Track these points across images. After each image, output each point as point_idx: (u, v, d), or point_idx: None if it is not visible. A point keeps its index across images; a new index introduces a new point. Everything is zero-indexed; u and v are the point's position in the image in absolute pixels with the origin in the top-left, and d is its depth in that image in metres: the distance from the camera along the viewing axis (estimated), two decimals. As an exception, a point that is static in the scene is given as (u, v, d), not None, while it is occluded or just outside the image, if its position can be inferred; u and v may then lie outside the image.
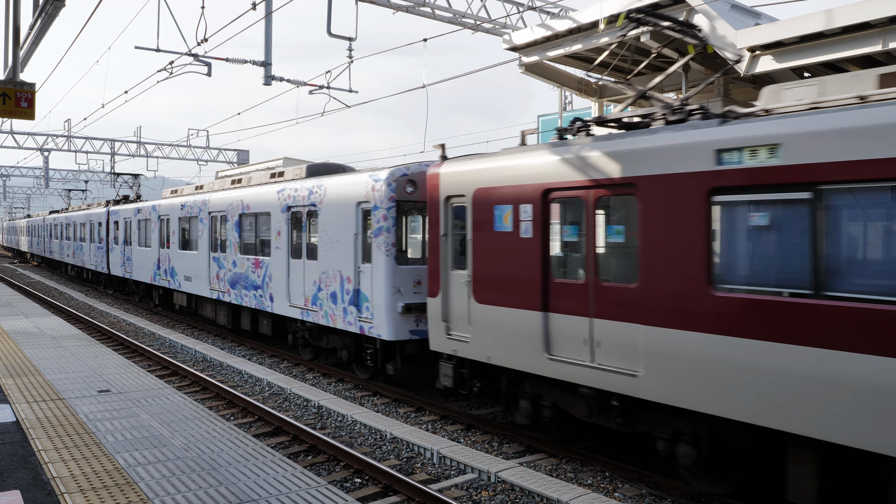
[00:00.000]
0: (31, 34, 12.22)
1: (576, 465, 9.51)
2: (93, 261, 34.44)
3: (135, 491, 6.22)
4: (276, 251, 16.26)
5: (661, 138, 7.93)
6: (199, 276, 20.81)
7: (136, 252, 26.92)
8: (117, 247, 29.77)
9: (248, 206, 17.67)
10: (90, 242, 34.87)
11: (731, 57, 13.81)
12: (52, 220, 46.76)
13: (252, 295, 17.45)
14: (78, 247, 38.17)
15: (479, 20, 20.67)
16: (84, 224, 36.50)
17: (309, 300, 14.94)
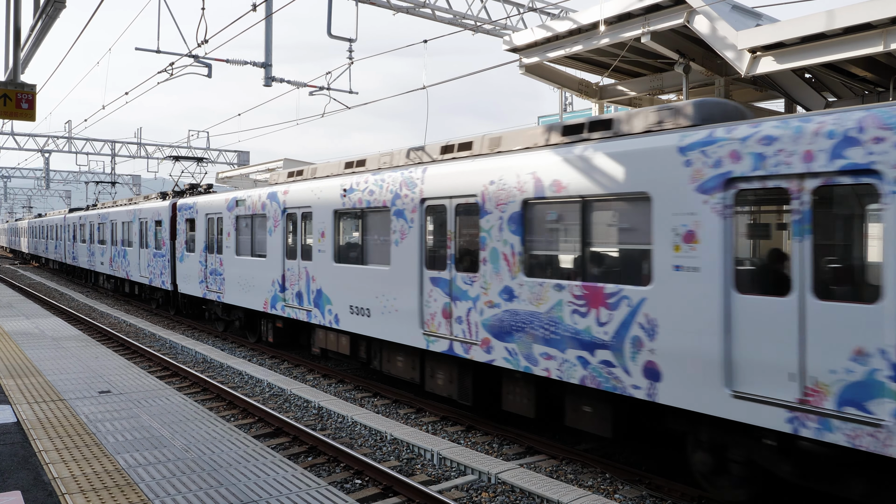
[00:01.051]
0: (31, 35, 12.22)
1: (576, 466, 9.50)
2: (145, 272, 26.14)
3: (135, 492, 6.22)
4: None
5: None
6: (389, 309, 12.27)
7: (231, 263, 18.62)
8: (192, 255, 21.47)
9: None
10: (141, 248, 26.50)
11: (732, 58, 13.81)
12: (75, 219, 37.95)
13: (576, 362, 8.80)
14: (119, 252, 29.65)
15: (479, 21, 20.68)
16: (129, 223, 28.00)
17: None
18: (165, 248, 23.64)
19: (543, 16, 21.58)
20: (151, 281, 25.19)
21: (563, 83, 20.05)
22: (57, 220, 45.09)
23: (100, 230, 32.99)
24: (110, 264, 30.82)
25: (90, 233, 34.80)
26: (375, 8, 19.38)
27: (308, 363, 16.09)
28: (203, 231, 20.54)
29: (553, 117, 31.73)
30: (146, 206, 26.06)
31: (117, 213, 29.86)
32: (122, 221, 29.15)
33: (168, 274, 23.33)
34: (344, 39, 19.28)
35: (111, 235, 30.95)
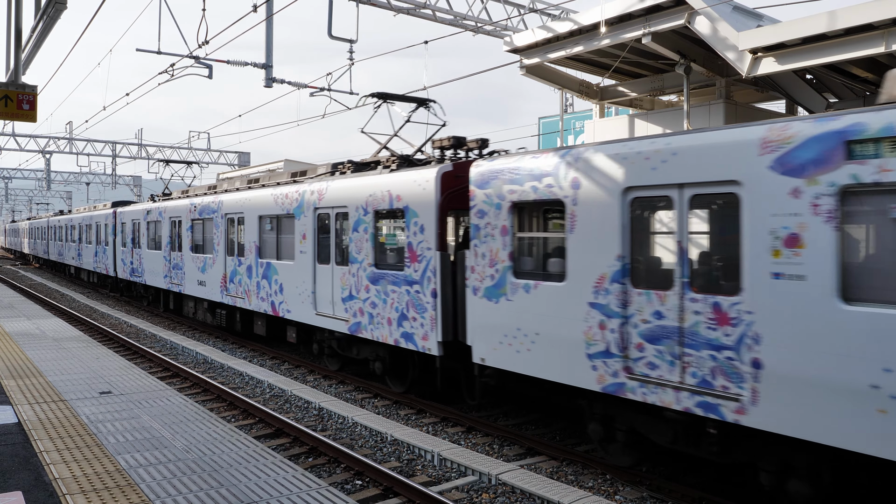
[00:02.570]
0: (32, 36, 12.23)
1: (577, 467, 9.50)
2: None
3: (136, 492, 6.22)
4: None
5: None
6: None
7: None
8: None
9: None
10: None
11: (733, 59, 13.81)
12: (141, 214, 26.41)
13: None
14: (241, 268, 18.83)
15: (480, 22, 20.68)
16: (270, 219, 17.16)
17: None
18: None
19: (544, 17, 21.58)
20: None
21: (564, 84, 20.06)
22: (102, 216, 32.63)
23: (193, 231, 21.23)
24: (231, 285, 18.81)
25: (174, 234, 22.79)
26: (376, 9, 19.39)
27: (308, 364, 16.10)
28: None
29: (554, 118, 31.73)
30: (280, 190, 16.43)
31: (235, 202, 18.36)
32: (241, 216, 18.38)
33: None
34: (344, 40, 19.30)
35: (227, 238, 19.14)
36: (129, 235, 28.15)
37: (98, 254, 33.78)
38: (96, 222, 34.20)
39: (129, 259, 27.90)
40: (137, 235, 26.88)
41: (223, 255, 18.97)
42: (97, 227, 34.02)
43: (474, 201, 10.40)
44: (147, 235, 25.69)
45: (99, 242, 33.54)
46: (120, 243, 29.68)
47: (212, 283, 19.69)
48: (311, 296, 14.59)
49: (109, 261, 31.35)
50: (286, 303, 15.56)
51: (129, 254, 27.99)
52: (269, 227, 16.49)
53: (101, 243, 32.99)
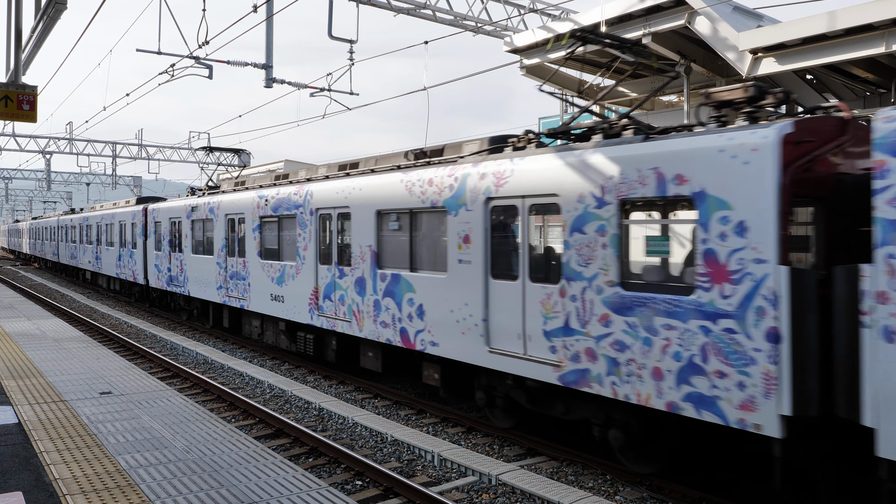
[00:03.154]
0: (32, 37, 12.23)
1: (577, 467, 9.50)
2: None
3: (136, 493, 6.22)
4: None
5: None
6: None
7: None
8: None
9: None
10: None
11: (733, 59, 13.81)
12: (171, 211, 23.18)
13: None
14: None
15: (480, 22, 20.68)
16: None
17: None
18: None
19: (544, 17, 21.58)
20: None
21: (564, 84, 20.06)
22: (128, 214, 28.54)
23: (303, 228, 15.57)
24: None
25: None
26: (376, 9, 19.39)
27: (309, 364, 16.09)
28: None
29: (554, 119, 31.73)
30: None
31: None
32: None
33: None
34: (345, 41, 19.30)
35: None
36: (165, 237, 23.32)
37: (122, 258, 28.87)
38: (120, 221, 29.25)
39: (166, 265, 23.17)
40: (178, 237, 22.25)
41: (313, 262, 14.47)
42: (121, 226, 29.08)
43: (890, 178, 6.32)
44: (192, 237, 21.03)
45: (124, 244, 28.67)
46: (153, 246, 24.74)
47: (294, 299, 15.22)
48: (479, 325, 10.31)
49: (138, 266, 26.53)
50: (430, 331, 11.29)
51: (166, 259, 23.22)
52: (394, 227, 12.37)
53: (127, 245, 28.16)
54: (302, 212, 14.89)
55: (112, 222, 30.92)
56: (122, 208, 29.76)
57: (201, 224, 20.61)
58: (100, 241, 33.45)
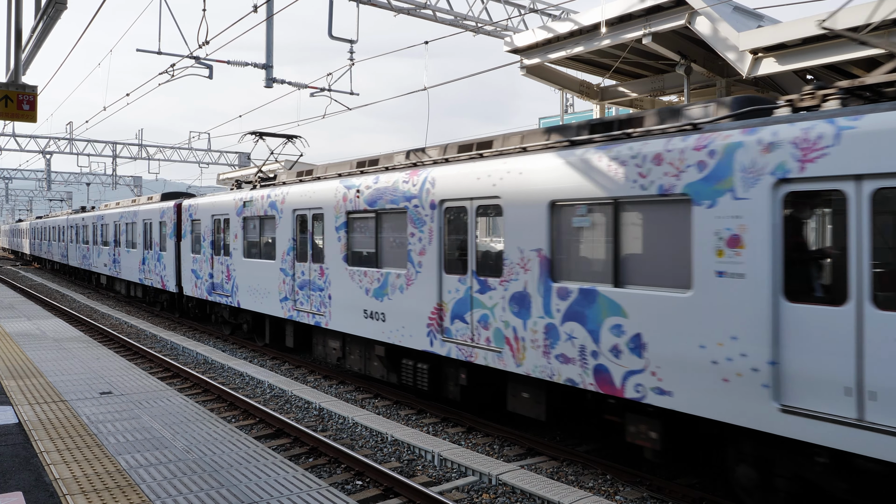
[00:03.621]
0: (32, 37, 12.23)
1: (577, 468, 9.50)
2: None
3: (136, 493, 6.22)
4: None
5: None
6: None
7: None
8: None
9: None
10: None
11: (734, 59, 13.81)
12: (214, 207, 20.20)
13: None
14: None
15: (480, 22, 20.68)
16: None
17: None
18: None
19: (544, 17, 21.58)
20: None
21: (564, 84, 20.07)
22: (154, 212, 25.38)
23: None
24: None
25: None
26: (376, 9, 19.39)
27: (309, 365, 16.09)
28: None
29: (554, 119, 31.75)
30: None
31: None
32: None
33: None
34: (345, 41, 19.30)
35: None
36: (206, 237, 20.15)
37: (148, 261, 25.42)
38: (144, 220, 25.85)
39: (207, 271, 20.13)
40: (223, 237, 19.10)
41: (434, 271, 11.22)
42: (146, 226, 25.71)
43: None
44: (244, 237, 17.80)
45: (149, 246, 25.27)
46: (188, 248, 21.60)
47: (401, 318, 11.96)
48: (760, 370, 7.04)
49: (168, 271, 23.30)
50: (654, 374, 8.02)
51: (207, 263, 20.07)
52: (581, 224, 9.09)
53: (153, 247, 24.82)
54: (417, 205, 11.62)
55: (134, 221, 27.47)
56: (148, 205, 26.11)
57: (257, 222, 17.26)
58: (118, 241, 29.91)
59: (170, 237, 23.14)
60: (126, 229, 28.64)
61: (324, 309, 14.26)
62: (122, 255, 29.14)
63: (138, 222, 26.87)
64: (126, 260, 28.59)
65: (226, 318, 20.28)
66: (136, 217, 27.29)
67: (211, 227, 19.91)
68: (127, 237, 28.56)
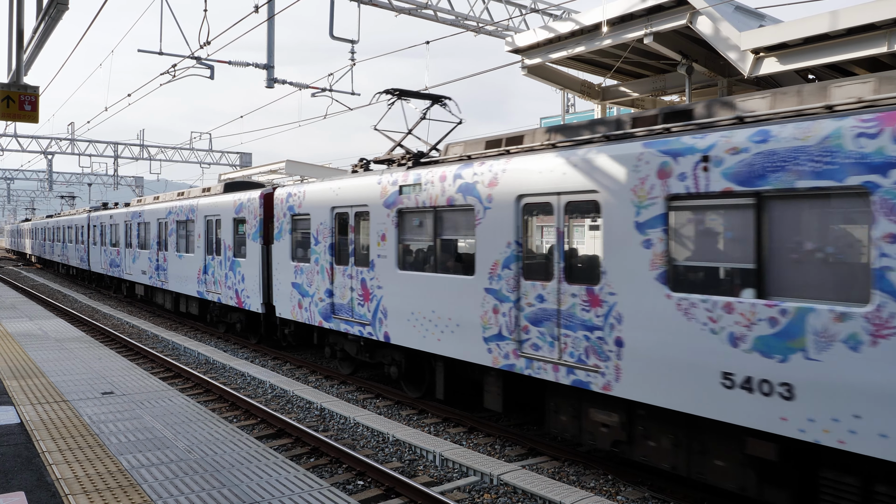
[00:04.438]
0: (34, 37, 12.24)
1: (578, 468, 9.49)
2: None
3: (138, 493, 6.22)
4: None
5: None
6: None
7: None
8: None
9: None
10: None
11: (735, 59, 13.79)
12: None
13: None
14: None
15: (481, 22, 20.68)
16: None
17: None
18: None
19: (546, 17, 21.58)
20: None
21: (566, 84, 20.06)
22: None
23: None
24: None
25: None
26: (377, 9, 19.39)
27: (311, 365, 16.09)
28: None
29: (556, 118, 31.74)
30: None
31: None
32: None
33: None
34: (346, 41, 19.31)
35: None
36: (321, 239, 14.46)
37: (212, 270, 19.80)
38: (207, 217, 20.36)
39: (323, 286, 14.31)
40: (357, 238, 13.50)
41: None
42: (209, 224, 20.30)
43: None
44: (400, 239, 12.29)
45: (215, 250, 19.79)
46: (285, 254, 15.94)
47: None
48: None
49: (249, 285, 17.73)
50: None
51: (322, 276, 14.32)
52: None
53: (221, 252, 19.37)
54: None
55: (190, 218, 21.70)
56: (211, 197, 20.49)
57: (429, 217, 11.61)
58: (164, 244, 24.07)
59: (252, 239, 17.76)
60: (177, 228, 22.94)
61: (598, 360, 8.55)
62: (171, 260, 23.36)
63: (197, 219, 21.17)
64: (177, 267, 22.86)
65: (351, 355, 14.67)
66: (193, 213, 21.47)
67: (331, 225, 14.15)
68: (178, 238, 22.85)
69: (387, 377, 14.69)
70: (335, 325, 13.91)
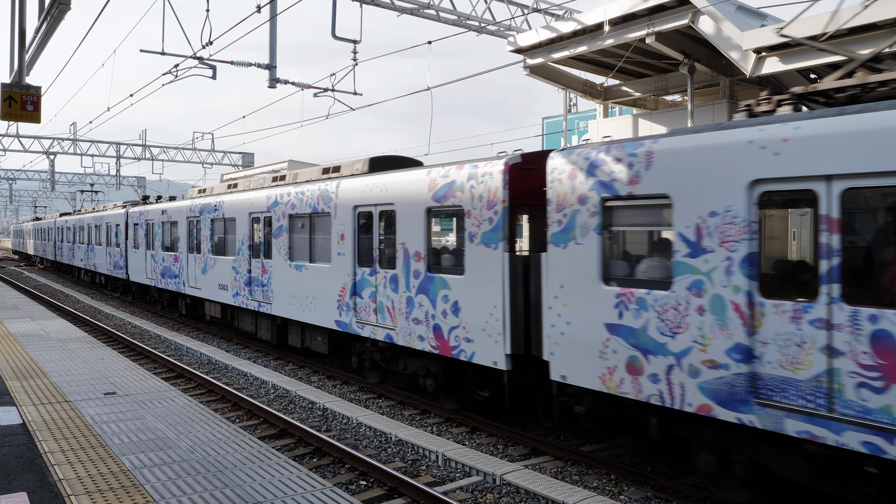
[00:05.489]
0: (36, 37, 12.26)
1: (581, 467, 9.49)
2: None
3: (141, 493, 6.22)
4: None
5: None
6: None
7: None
8: None
9: None
10: None
11: (737, 58, 13.78)
12: None
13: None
14: None
15: (483, 22, 20.67)
16: None
17: None
18: None
19: (548, 17, 21.57)
20: None
21: (568, 84, 20.04)
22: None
23: None
24: None
25: None
26: (379, 9, 19.39)
27: (313, 365, 16.10)
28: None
29: (558, 118, 31.73)
30: None
31: None
32: None
33: None
34: (348, 41, 19.31)
35: None
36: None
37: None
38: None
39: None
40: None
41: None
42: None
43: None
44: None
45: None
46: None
47: None
48: None
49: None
50: None
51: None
52: None
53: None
54: None
55: (322, 210, 14.49)
56: (360, 178, 13.46)
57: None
58: (261, 249, 17.11)
59: (482, 242, 10.63)
60: (290, 226, 15.74)
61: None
62: (279, 272, 16.09)
63: (338, 212, 13.90)
64: (291, 283, 15.61)
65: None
66: (328, 202, 14.26)
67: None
68: (294, 240, 15.69)
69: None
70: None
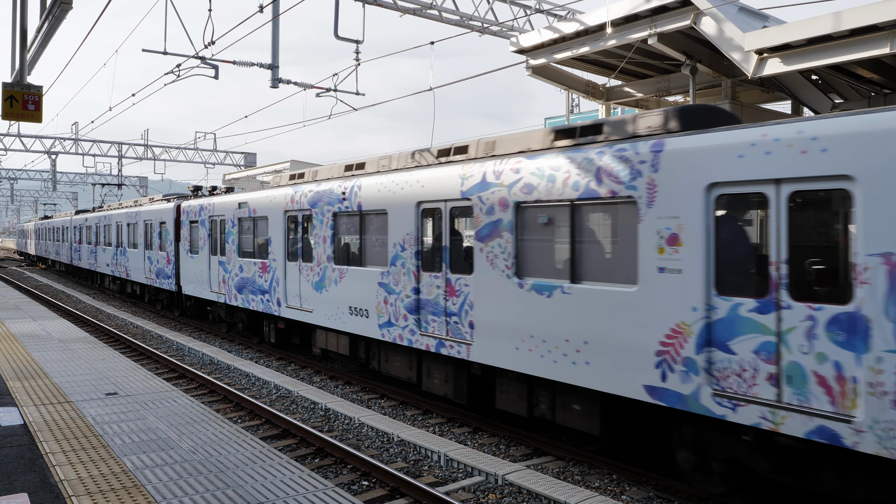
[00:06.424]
0: (38, 37, 12.26)
1: (583, 467, 9.48)
2: None
3: (142, 494, 6.22)
4: None
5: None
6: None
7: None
8: None
9: None
10: None
11: (739, 59, 13.78)
12: None
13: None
14: None
15: (486, 23, 20.67)
16: None
17: None
18: None
19: (550, 17, 21.57)
20: None
21: (570, 84, 20.04)
22: None
23: None
24: None
25: None
26: (382, 9, 19.40)
27: (315, 365, 16.10)
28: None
29: (560, 119, 31.73)
30: None
31: None
32: None
33: None
34: (351, 41, 19.31)
35: None
36: None
37: None
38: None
39: None
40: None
41: None
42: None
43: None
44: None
45: None
46: None
47: None
48: None
49: None
50: None
51: None
52: None
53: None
54: None
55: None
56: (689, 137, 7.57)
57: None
58: (435, 259, 11.26)
59: None
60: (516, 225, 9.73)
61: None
62: (483, 292, 10.21)
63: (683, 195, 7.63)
64: (512, 309, 9.75)
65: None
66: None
67: None
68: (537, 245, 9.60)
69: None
70: None
